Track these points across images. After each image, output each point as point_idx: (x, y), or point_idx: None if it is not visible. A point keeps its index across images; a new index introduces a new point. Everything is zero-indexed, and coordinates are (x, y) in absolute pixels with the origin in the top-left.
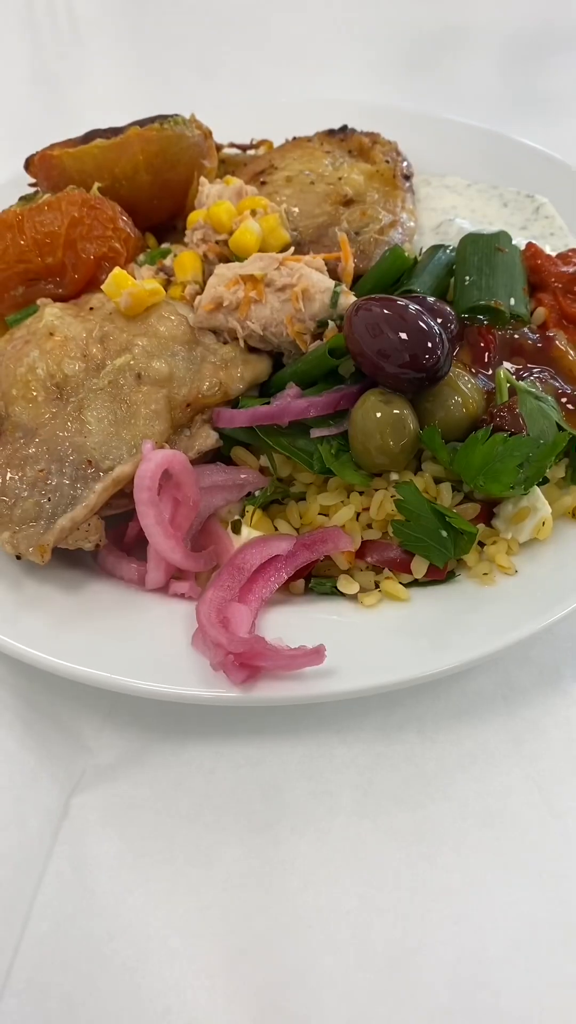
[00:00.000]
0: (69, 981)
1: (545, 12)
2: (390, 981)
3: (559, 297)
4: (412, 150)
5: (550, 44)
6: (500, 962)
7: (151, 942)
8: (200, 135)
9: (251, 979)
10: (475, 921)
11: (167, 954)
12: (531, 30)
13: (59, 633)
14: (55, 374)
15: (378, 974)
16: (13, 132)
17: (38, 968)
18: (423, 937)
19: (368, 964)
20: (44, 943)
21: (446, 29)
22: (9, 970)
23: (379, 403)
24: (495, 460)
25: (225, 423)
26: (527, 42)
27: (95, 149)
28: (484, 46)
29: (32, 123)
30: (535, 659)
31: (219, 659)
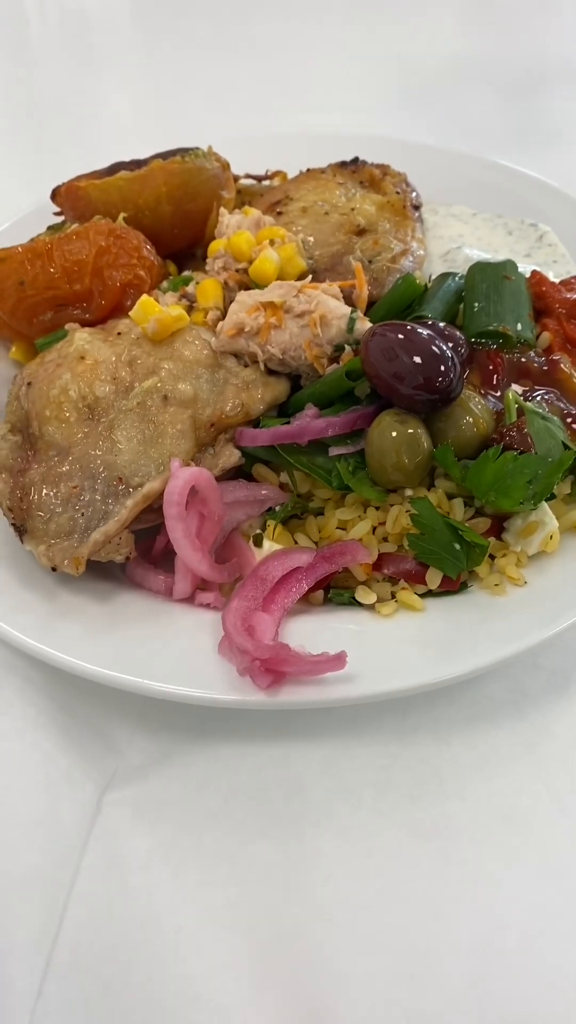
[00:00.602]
0: (106, 968)
1: (542, 47)
2: (409, 969)
3: (563, 322)
4: (420, 181)
5: (548, 78)
6: (513, 950)
7: (180, 933)
8: (219, 167)
9: (276, 968)
10: (489, 912)
11: (196, 944)
12: (529, 64)
13: (92, 641)
14: (87, 396)
15: (397, 963)
16: (34, 163)
17: (77, 954)
18: (440, 927)
19: (387, 953)
20: (82, 932)
21: (449, 64)
22: (50, 956)
23: (394, 423)
24: (506, 477)
25: (247, 442)
26: (526, 76)
27: (120, 181)
28: (485, 80)
29: (52, 154)
30: (544, 666)
31: (245, 665)
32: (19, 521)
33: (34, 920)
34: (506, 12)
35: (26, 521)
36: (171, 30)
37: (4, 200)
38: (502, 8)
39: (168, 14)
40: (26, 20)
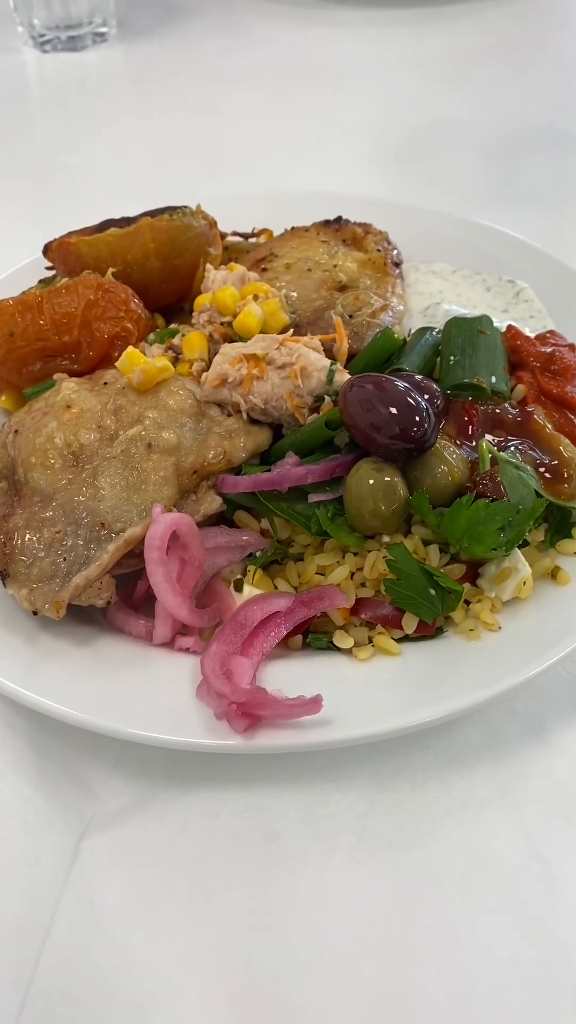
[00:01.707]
0: (80, 1014)
1: (522, 113)
2: (380, 1016)
3: (537, 375)
4: (401, 238)
5: (526, 142)
6: (486, 999)
7: (156, 979)
8: (206, 225)
9: (251, 1014)
10: (462, 959)
11: (172, 990)
12: (509, 130)
13: (72, 685)
14: (72, 443)
15: (371, 1010)
16: (27, 218)
17: (50, 1000)
18: (413, 975)
19: (361, 1001)
20: (57, 977)
21: (433, 126)
22: (24, 1001)
23: (372, 471)
24: (478, 524)
25: (229, 488)
26: (505, 140)
27: (109, 237)
28: (467, 143)
29: (45, 209)
30: (520, 711)
31: (222, 709)
32: (2, 566)
33: (9, 964)
34: (488, 80)
35: (9, 565)
36: (165, 92)
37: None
38: (485, 76)
39: (162, 77)
40: (25, 81)
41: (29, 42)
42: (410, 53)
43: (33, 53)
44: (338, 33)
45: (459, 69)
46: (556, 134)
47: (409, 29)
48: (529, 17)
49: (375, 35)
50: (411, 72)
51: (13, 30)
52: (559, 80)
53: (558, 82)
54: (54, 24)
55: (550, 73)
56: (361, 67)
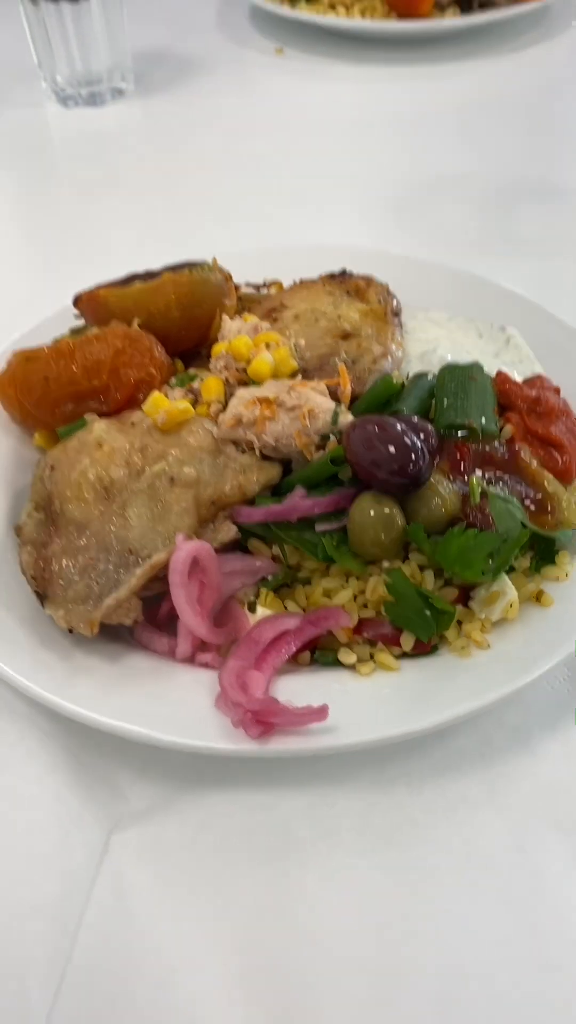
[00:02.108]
0: (113, 988)
1: (517, 167)
2: (382, 991)
3: (524, 416)
4: (402, 288)
5: (520, 195)
6: (476, 976)
7: (179, 957)
8: (222, 278)
9: (265, 990)
10: (454, 941)
11: (193, 968)
12: (504, 183)
13: (103, 695)
14: (103, 478)
15: (371, 985)
16: (54, 266)
17: (87, 973)
18: (410, 954)
19: (363, 977)
20: (91, 954)
21: (432, 179)
22: (63, 973)
23: (372, 503)
24: (468, 551)
25: (243, 519)
26: (500, 193)
27: (135, 291)
28: (464, 195)
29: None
30: (509, 722)
31: (238, 717)
32: (41, 588)
33: (49, 941)
34: (484, 134)
35: (47, 588)
36: (180, 145)
37: (32, 303)
38: (481, 131)
39: (177, 131)
40: (49, 134)
41: (52, 97)
42: (411, 108)
43: (56, 108)
44: (343, 88)
45: (457, 123)
46: (547, 186)
47: (409, 85)
48: (523, 74)
49: (378, 90)
50: (411, 126)
51: (37, 85)
52: (551, 134)
53: (550, 136)
54: (76, 80)
55: (542, 128)
56: (364, 121)
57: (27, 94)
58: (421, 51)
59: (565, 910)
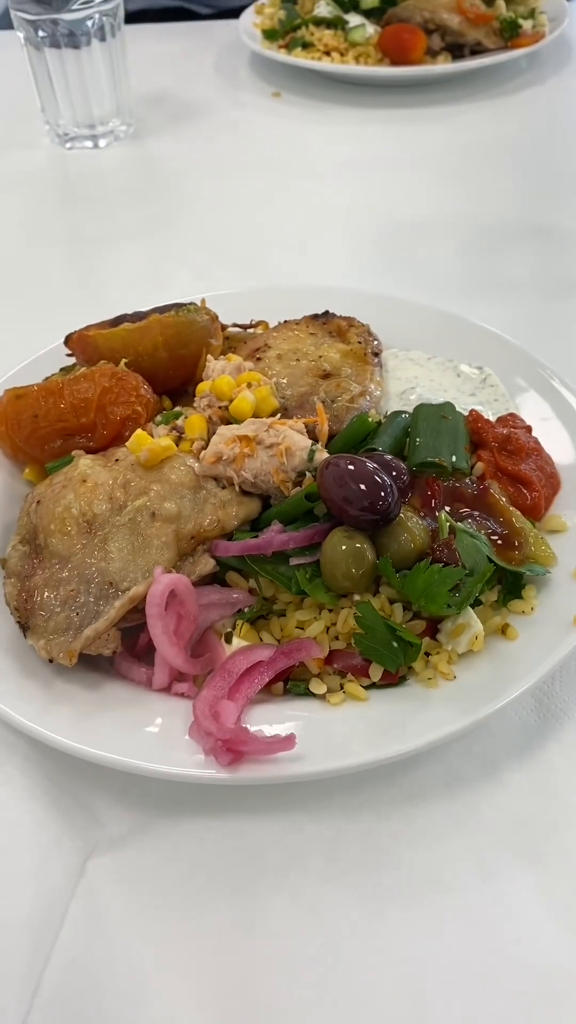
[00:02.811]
0: (83, 1006)
1: (500, 209)
2: (348, 1015)
3: (495, 454)
4: (382, 328)
5: (503, 236)
6: (440, 1001)
7: (151, 980)
8: (208, 319)
9: (233, 1012)
10: (417, 965)
11: (163, 990)
12: (487, 224)
13: (81, 724)
14: (86, 512)
15: (336, 1008)
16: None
17: (59, 992)
18: (374, 978)
19: (329, 999)
20: (65, 973)
21: (420, 221)
22: (36, 991)
23: (344, 538)
24: (433, 585)
25: (221, 552)
26: (483, 235)
27: (123, 331)
28: (451, 236)
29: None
30: (477, 752)
31: (209, 745)
32: (23, 619)
33: (23, 959)
34: (473, 177)
35: (29, 619)
36: (178, 187)
37: (25, 341)
38: (469, 174)
39: (175, 173)
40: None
41: (55, 140)
42: (402, 150)
43: (57, 149)
44: (337, 131)
45: (447, 166)
46: (534, 228)
47: (402, 128)
48: (513, 117)
49: (371, 133)
50: (403, 168)
51: (39, 128)
52: (540, 177)
53: (539, 179)
54: (77, 123)
55: (531, 170)
56: (357, 163)
57: (29, 136)
58: (413, 95)
59: (528, 938)
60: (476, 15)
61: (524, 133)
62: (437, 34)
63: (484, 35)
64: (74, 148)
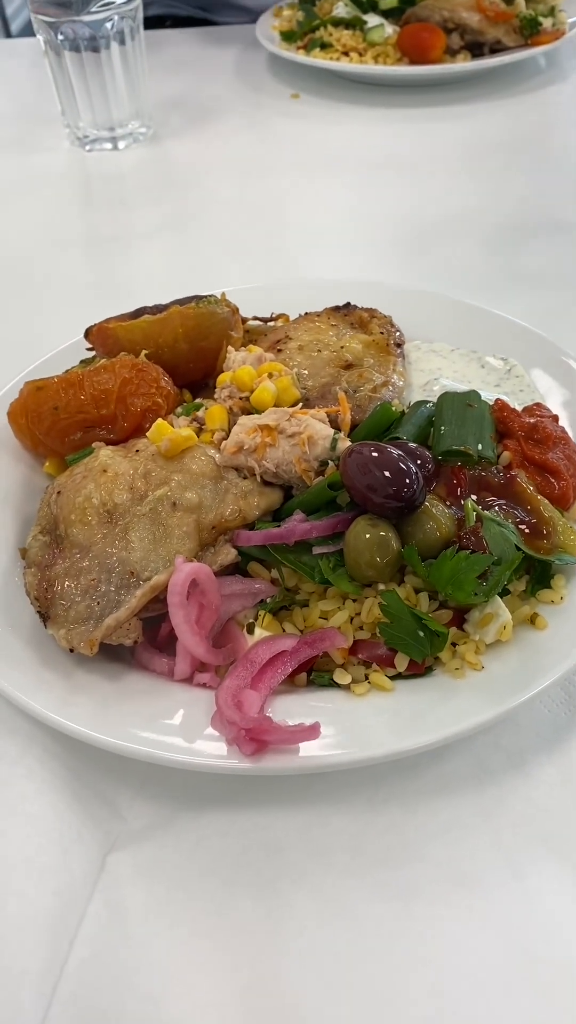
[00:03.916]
0: (104, 1002)
1: (523, 202)
2: (372, 1013)
3: (522, 443)
4: (406, 320)
5: (526, 230)
6: (467, 1001)
7: (171, 976)
8: (229, 311)
9: (255, 1009)
10: (443, 964)
11: (185, 987)
12: (511, 218)
13: (102, 714)
14: (107, 502)
15: (360, 1007)
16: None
17: (79, 988)
18: (399, 976)
19: (352, 999)
20: (85, 968)
21: (440, 217)
22: (56, 985)
23: (368, 527)
24: (460, 573)
25: (243, 542)
26: (506, 228)
27: (143, 323)
28: (471, 231)
29: (89, 294)
30: (504, 746)
31: (233, 735)
32: (44, 609)
33: (44, 953)
34: (493, 174)
35: (50, 609)
36: (197, 186)
37: (46, 337)
38: (490, 170)
39: (195, 174)
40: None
41: (76, 143)
42: (420, 148)
43: (77, 152)
44: (356, 130)
45: (467, 163)
46: (554, 223)
47: (421, 126)
48: (532, 114)
49: (390, 132)
50: (420, 165)
51: (59, 131)
52: (558, 173)
53: (557, 175)
54: (97, 126)
55: (551, 166)
56: (376, 162)
57: (50, 139)
58: (433, 94)
59: (558, 936)
60: (496, 13)
61: (543, 131)
62: (456, 33)
63: (504, 33)
64: (94, 150)
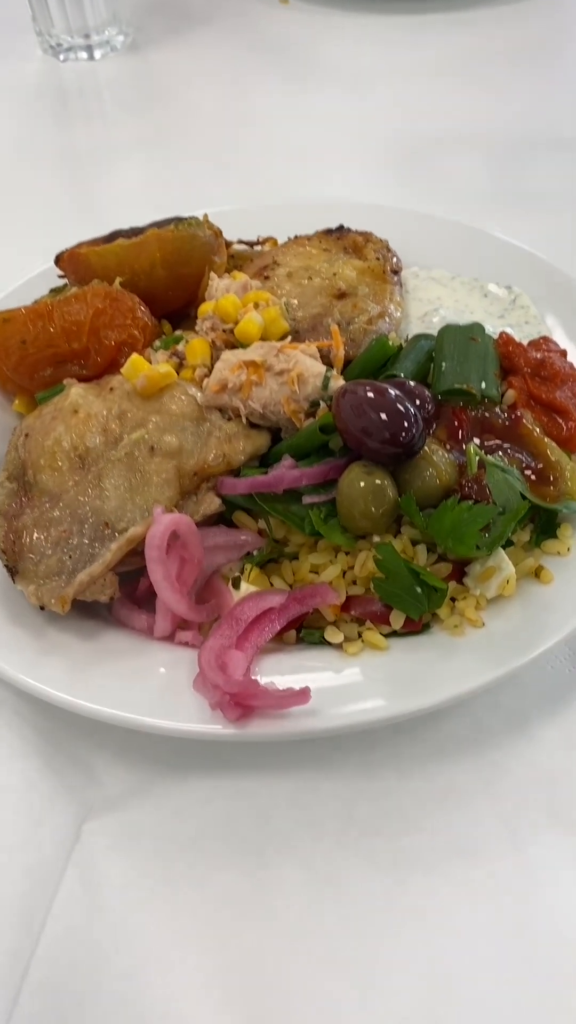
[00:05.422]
0: (78, 984)
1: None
2: (363, 991)
3: (527, 380)
4: (402, 244)
5: (533, 146)
6: (463, 977)
7: (151, 954)
8: (211, 235)
9: (240, 988)
10: (441, 940)
11: (165, 965)
12: (518, 133)
13: (76, 676)
14: (78, 446)
15: (352, 985)
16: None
17: (52, 970)
18: (394, 953)
19: (343, 976)
20: (58, 949)
21: (438, 131)
22: (26, 970)
23: (362, 474)
24: (462, 525)
25: (228, 490)
26: (512, 144)
27: (118, 248)
28: (474, 148)
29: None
30: (504, 705)
31: (216, 699)
32: (11, 562)
33: (12, 936)
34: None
35: (18, 563)
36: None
37: (12, 262)
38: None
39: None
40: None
41: (48, 51)
42: (417, 58)
43: (50, 61)
44: (347, 38)
45: (466, 73)
46: (563, 140)
47: (416, 34)
48: (535, 21)
49: (385, 41)
50: (418, 77)
51: (31, 38)
52: (566, 85)
53: (565, 87)
54: (71, 33)
55: (557, 77)
56: (368, 72)
57: (20, 47)
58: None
59: (559, 909)
60: None
61: (552, 37)
62: None
63: None
64: (68, 60)
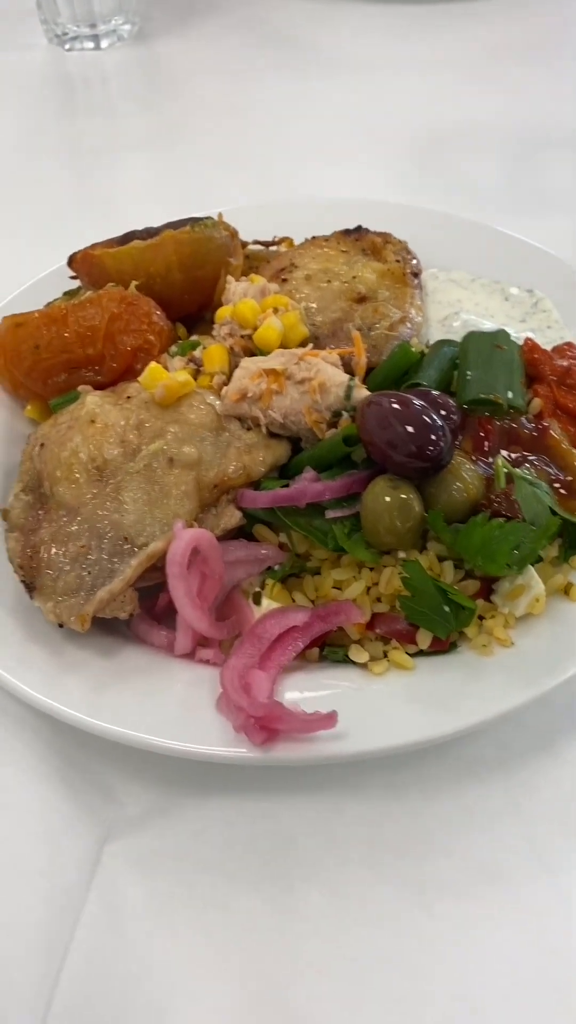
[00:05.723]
0: (103, 1013)
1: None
2: (389, 1020)
3: (554, 388)
4: (421, 245)
5: (550, 143)
6: (491, 1007)
7: (174, 983)
8: (227, 235)
9: (263, 1018)
10: (468, 968)
11: (188, 995)
12: (532, 130)
13: (95, 695)
14: (96, 458)
15: (378, 1013)
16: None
17: (75, 1001)
18: (420, 983)
19: (369, 1008)
20: (81, 979)
21: (454, 126)
22: (50, 1000)
23: (388, 488)
24: (492, 542)
25: (248, 503)
26: (528, 142)
27: (133, 250)
28: (489, 146)
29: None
30: (531, 725)
31: (240, 722)
32: (29, 578)
33: (35, 966)
34: (512, 78)
35: (35, 578)
36: (186, 91)
37: (25, 262)
38: (508, 74)
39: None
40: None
41: (54, 40)
42: (431, 50)
43: (56, 51)
44: (358, 30)
45: (481, 67)
46: None
47: (430, 26)
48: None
49: (397, 32)
50: (432, 70)
51: (36, 28)
52: None
53: None
54: (77, 22)
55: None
56: (381, 65)
57: (25, 36)
58: None
59: None
60: None
61: (564, 29)
62: None
63: None
64: (73, 49)
